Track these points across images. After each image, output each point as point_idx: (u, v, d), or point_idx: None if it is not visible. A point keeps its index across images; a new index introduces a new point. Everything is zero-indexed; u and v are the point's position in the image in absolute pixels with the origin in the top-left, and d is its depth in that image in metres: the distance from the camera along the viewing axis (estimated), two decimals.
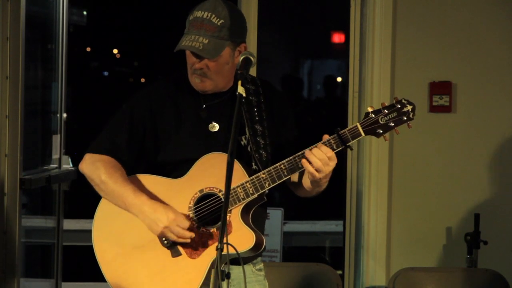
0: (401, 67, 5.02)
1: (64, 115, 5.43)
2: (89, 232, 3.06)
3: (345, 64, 5.30)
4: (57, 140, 5.31)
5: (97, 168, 3.03)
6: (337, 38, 10.58)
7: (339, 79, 10.36)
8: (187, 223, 2.93)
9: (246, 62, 2.93)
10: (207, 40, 2.96)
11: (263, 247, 3.00)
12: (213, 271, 2.48)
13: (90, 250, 3.07)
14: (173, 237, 2.93)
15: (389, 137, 3.03)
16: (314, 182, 2.99)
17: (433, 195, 5.03)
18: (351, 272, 5.12)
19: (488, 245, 4.81)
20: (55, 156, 5.29)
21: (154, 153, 3.07)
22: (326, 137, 2.96)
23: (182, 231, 2.92)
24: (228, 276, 2.52)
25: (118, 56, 12.25)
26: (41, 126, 5.33)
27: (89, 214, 3.12)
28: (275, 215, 6.10)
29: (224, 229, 2.56)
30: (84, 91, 11.39)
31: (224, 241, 2.58)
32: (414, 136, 4.84)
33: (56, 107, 5.35)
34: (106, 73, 12.43)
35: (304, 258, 7.56)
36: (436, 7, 5.03)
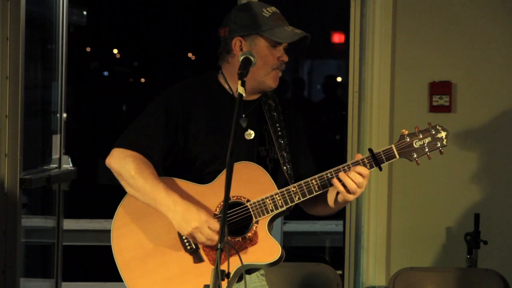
0: (401, 67, 5.01)
1: (64, 115, 5.42)
2: (89, 232, 3.04)
3: (345, 64, 5.29)
4: (57, 140, 5.31)
5: (127, 163, 2.93)
6: (337, 38, 10.58)
7: (339, 79, 10.36)
8: (217, 226, 2.86)
9: (246, 62, 2.90)
10: None
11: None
12: (213, 270, 2.46)
13: (90, 250, 3.05)
14: (201, 239, 2.87)
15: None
16: (341, 203, 2.95)
17: (433, 195, 5.03)
18: (351, 272, 5.12)
19: (488, 245, 4.81)
20: (55, 156, 5.28)
21: (182, 153, 3.01)
22: (359, 156, 2.94)
23: (212, 234, 2.86)
24: (228, 276, 2.51)
25: (118, 56, 12.26)
26: (41, 126, 5.32)
27: (89, 214, 3.10)
28: None
29: (224, 229, 2.54)
30: (84, 91, 11.39)
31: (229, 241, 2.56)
32: None
33: (56, 107, 5.34)
34: (106, 73, 12.44)
35: (304, 258, 7.55)
36: (436, 7, 5.03)
